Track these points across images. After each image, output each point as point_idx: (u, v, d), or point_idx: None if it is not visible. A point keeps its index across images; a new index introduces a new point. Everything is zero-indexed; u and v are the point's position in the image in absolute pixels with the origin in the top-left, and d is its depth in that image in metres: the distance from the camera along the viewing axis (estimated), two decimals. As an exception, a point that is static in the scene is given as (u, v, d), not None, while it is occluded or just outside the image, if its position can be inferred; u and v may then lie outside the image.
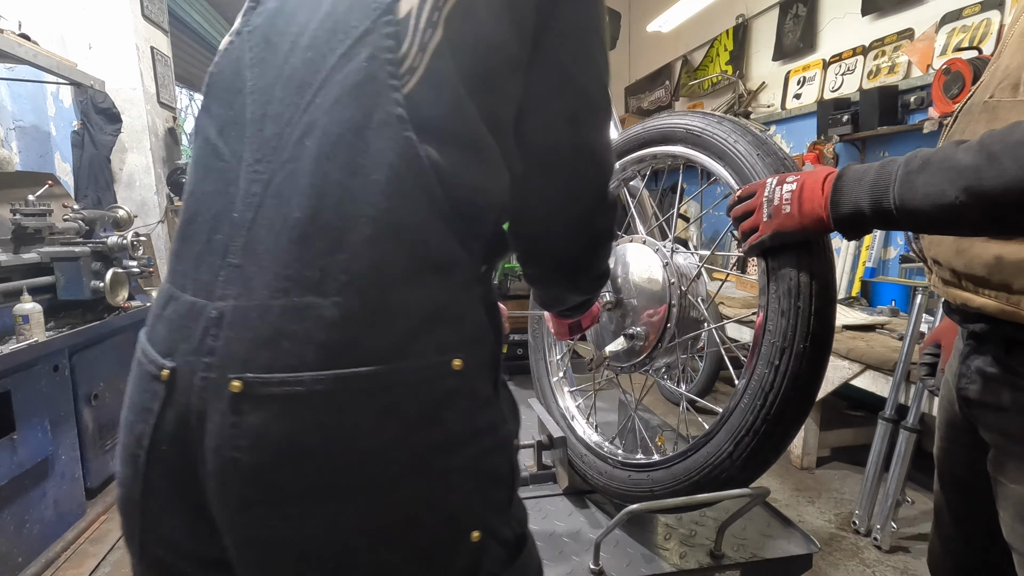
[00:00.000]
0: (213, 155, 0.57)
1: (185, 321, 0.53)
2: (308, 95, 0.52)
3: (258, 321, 0.49)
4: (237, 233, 0.52)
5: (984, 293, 0.72)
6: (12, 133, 2.97)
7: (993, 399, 0.74)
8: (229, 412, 0.48)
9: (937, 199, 0.59)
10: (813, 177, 0.72)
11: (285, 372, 0.48)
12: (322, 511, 0.49)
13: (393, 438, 0.50)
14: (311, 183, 0.50)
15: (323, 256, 0.49)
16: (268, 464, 0.48)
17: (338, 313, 0.49)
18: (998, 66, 0.73)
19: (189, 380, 0.51)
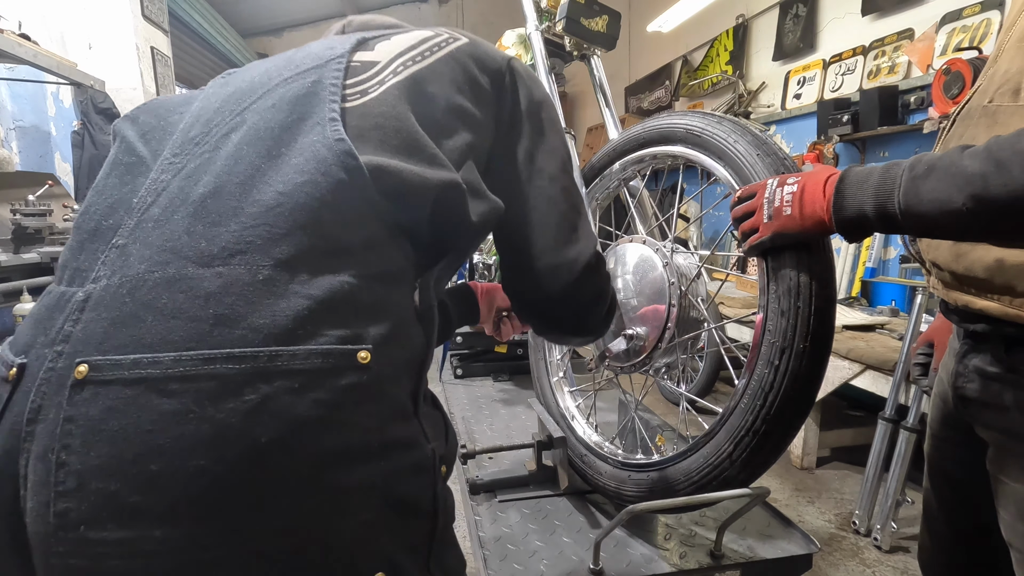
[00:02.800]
0: (126, 153, 0.56)
1: (50, 312, 0.46)
2: (244, 104, 0.55)
3: (126, 298, 0.43)
4: (130, 215, 0.48)
5: (987, 296, 0.72)
6: (12, 133, 2.97)
7: (993, 398, 0.75)
8: (65, 405, 0.40)
9: (944, 205, 0.58)
10: (814, 179, 0.72)
11: (141, 352, 0.41)
12: (166, 535, 0.39)
13: (271, 441, 0.40)
14: (224, 165, 0.49)
15: (215, 226, 0.45)
16: (99, 468, 0.39)
17: (218, 285, 0.42)
18: (996, 70, 0.73)
19: (34, 375, 0.43)
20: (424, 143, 0.55)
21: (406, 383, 0.50)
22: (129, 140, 0.57)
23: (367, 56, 0.60)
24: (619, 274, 1.11)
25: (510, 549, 1.01)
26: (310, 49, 0.62)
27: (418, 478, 0.49)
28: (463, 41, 0.66)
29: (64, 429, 0.40)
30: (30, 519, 0.41)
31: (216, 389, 0.40)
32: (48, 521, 0.39)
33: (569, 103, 6.70)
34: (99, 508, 0.39)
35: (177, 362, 0.40)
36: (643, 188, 1.24)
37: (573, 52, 1.42)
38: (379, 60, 0.59)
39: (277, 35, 6.81)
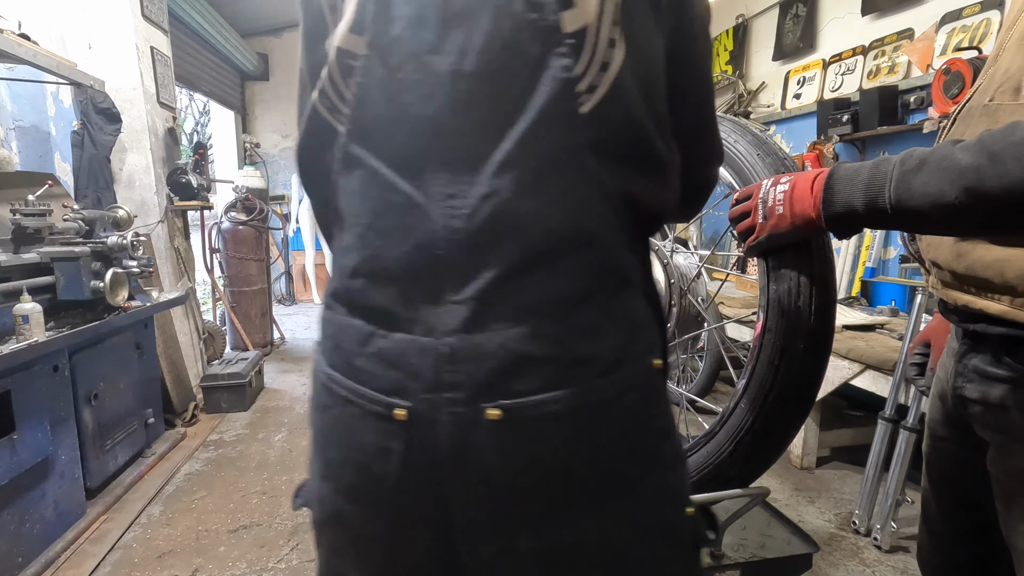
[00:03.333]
0: (389, 190, 0.54)
1: (407, 359, 0.52)
2: (495, 128, 0.51)
3: (498, 350, 0.50)
4: (449, 271, 0.52)
5: (988, 296, 0.72)
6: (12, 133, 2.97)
7: (993, 398, 0.75)
8: (492, 440, 0.50)
9: (936, 199, 0.58)
10: (804, 177, 0.72)
11: (536, 395, 0.50)
12: (598, 513, 0.52)
13: (635, 436, 0.54)
14: (520, 215, 0.51)
15: (546, 283, 0.52)
16: (542, 481, 0.51)
17: (573, 334, 0.51)
18: (996, 69, 0.73)
19: (432, 417, 0.51)
20: (661, 156, 0.55)
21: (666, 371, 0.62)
22: (383, 174, 0.54)
23: (573, 18, 0.50)
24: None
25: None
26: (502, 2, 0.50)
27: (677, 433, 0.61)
28: None
29: (501, 459, 0.50)
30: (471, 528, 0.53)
31: (595, 411, 0.52)
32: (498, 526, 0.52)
33: (569, 103, 6.69)
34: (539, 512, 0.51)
35: (568, 397, 0.50)
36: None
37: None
38: (588, 19, 0.50)
39: (277, 35, 6.81)
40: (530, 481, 0.51)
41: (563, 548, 0.52)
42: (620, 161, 0.53)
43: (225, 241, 4.33)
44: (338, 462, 0.57)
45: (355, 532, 0.58)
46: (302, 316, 6.08)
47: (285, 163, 7.05)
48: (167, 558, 1.95)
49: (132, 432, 2.47)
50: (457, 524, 0.53)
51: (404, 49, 0.52)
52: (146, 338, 2.68)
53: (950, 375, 0.83)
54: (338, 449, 0.57)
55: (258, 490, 2.41)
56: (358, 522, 0.57)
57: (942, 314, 0.86)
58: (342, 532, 0.59)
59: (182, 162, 3.33)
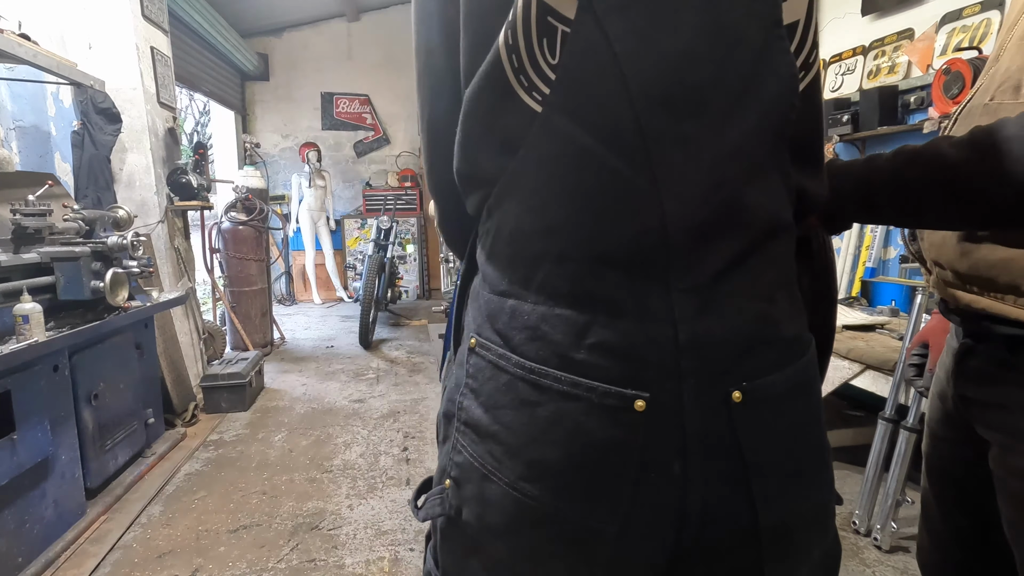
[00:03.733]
0: (604, 169, 0.50)
1: (639, 349, 0.50)
2: (720, 116, 0.49)
3: (732, 336, 0.52)
4: (677, 257, 0.50)
5: (990, 295, 0.72)
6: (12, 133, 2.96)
7: (995, 397, 0.75)
8: (736, 422, 0.51)
9: (926, 193, 0.59)
10: None
11: (769, 375, 0.53)
12: (817, 480, 0.57)
13: (821, 409, 0.59)
14: (745, 204, 0.51)
15: (764, 271, 0.54)
16: (782, 457, 0.54)
17: (784, 316, 0.55)
18: (997, 69, 0.73)
19: (674, 405, 0.50)
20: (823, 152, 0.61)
21: None
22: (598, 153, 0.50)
23: (790, 11, 0.50)
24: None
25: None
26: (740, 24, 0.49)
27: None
28: None
29: (746, 438, 0.52)
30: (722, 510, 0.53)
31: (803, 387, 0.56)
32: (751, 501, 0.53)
33: (569, 103, 6.70)
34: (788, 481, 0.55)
35: (795, 374, 0.55)
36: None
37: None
38: (799, 15, 0.51)
39: (277, 35, 6.81)
40: (768, 458, 0.53)
41: (790, 522, 0.55)
42: (800, 158, 0.56)
43: (225, 241, 4.33)
44: (558, 461, 0.52)
45: (575, 532, 0.53)
46: (302, 316, 6.08)
47: (285, 163, 7.05)
48: (167, 558, 1.95)
49: (132, 432, 2.48)
50: (693, 509, 0.52)
51: (624, 19, 0.47)
52: (146, 338, 2.68)
53: (950, 375, 0.83)
54: (558, 447, 0.52)
55: (258, 490, 2.41)
56: (585, 521, 0.52)
57: (942, 314, 0.86)
58: (553, 534, 0.54)
59: (182, 162, 3.33)
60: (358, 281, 6.74)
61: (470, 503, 0.57)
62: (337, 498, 2.34)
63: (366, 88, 7.15)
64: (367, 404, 3.44)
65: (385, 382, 3.85)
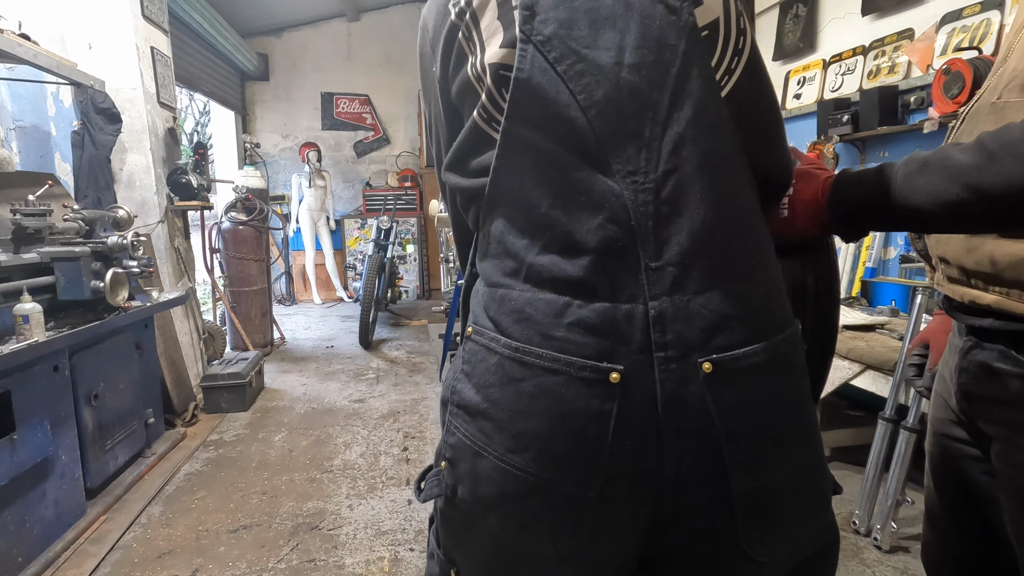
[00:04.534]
0: (567, 168, 0.57)
1: (613, 326, 0.55)
2: (661, 112, 0.57)
3: (701, 311, 0.55)
4: (643, 240, 0.56)
5: (994, 290, 0.72)
6: (12, 133, 2.96)
7: (999, 393, 0.75)
8: (707, 391, 0.54)
9: (938, 197, 0.60)
10: (810, 182, 0.72)
11: (741, 348, 0.55)
12: (793, 455, 0.59)
13: (805, 386, 0.62)
14: (702, 188, 0.56)
15: (730, 250, 0.58)
16: (754, 427, 0.56)
17: (757, 295, 0.58)
18: (1005, 68, 0.74)
19: (645, 376, 0.55)
20: (781, 127, 0.65)
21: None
22: (560, 154, 0.58)
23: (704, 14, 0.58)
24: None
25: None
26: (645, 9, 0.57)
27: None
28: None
29: (718, 407, 0.55)
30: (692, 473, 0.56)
31: (782, 363, 0.58)
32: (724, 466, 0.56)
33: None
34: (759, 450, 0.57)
35: (765, 350, 0.57)
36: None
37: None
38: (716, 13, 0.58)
39: (277, 35, 6.81)
40: (741, 427, 0.55)
41: (764, 490, 0.57)
42: (754, 135, 0.60)
43: (225, 241, 4.33)
44: (542, 431, 0.57)
45: (561, 498, 0.57)
46: (302, 316, 6.08)
47: (285, 163, 7.05)
48: (167, 558, 1.95)
49: (132, 432, 2.47)
50: (667, 476, 0.56)
51: (562, 44, 0.57)
52: (146, 338, 2.68)
53: (954, 371, 0.83)
54: (540, 419, 0.57)
55: (258, 490, 2.41)
56: (568, 488, 0.57)
57: (946, 311, 0.86)
58: (541, 500, 0.58)
59: (182, 162, 3.33)
60: (358, 281, 6.74)
61: (464, 480, 0.62)
62: (337, 498, 2.34)
63: (366, 88, 7.15)
64: (367, 404, 3.44)
65: (385, 382, 3.85)
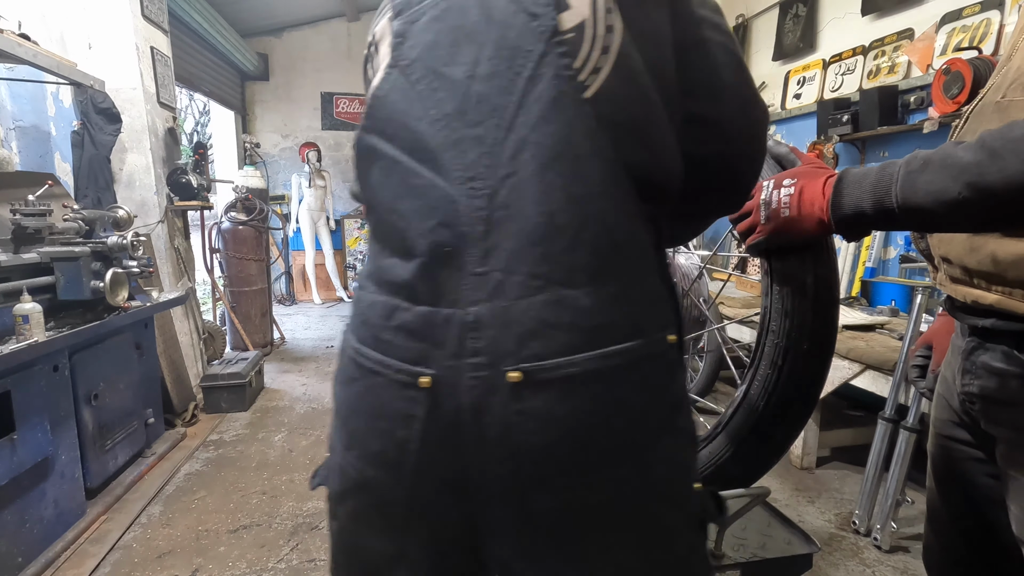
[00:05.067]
0: (410, 175, 0.59)
1: (431, 330, 0.56)
2: (507, 117, 0.56)
3: (520, 317, 0.54)
4: (472, 244, 0.56)
5: (996, 290, 0.72)
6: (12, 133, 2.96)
7: (1003, 394, 0.75)
8: (511, 401, 0.53)
9: (940, 196, 0.60)
10: (812, 181, 0.72)
11: (557, 357, 0.53)
12: (611, 475, 0.54)
13: (648, 404, 0.56)
14: (539, 191, 0.55)
15: (565, 254, 0.55)
16: (557, 442, 0.53)
17: (591, 302, 0.54)
18: (1009, 68, 0.74)
19: (454, 382, 0.54)
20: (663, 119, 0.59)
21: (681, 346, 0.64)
22: (402, 161, 0.60)
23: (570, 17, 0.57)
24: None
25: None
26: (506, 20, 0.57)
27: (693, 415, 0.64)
28: None
29: (519, 419, 0.53)
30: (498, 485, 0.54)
31: (616, 376, 0.54)
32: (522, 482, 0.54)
33: (569, 103, 6.69)
34: (564, 466, 0.54)
35: (587, 360, 0.53)
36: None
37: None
38: (584, 15, 0.56)
39: (277, 35, 6.81)
40: (545, 441, 0.53)
41: (576, 509, 0.54)
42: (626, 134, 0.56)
43: (225, 241, 4.33)
44: (363, 431, 0.59)
45: (379, 497, 0.59)
46: (302, 316, 6.08)
47: (285, 163, 7.05)
48: (167, 558, 1.95)
49: (132, 432, 2.47)
50: (474, 485, 0.55)
51: (422, 66, 0.59)
52: (146, 338, 2.68)
53: (957, 372, 0.83)
54: (363, 418, 0.59)
55: (258, 490, 2.41)
56: (383, 487, 0.58)
57: (948, 311, 0.86)
58: (366, 498, 0.60)
59: (182, 162, 3.33)
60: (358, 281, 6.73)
61: (328, 473, 0.66)
62: (337, 498, 2.34)
63: (366, 88, 7.14)
64: (367, 404, 3.43)
65: (385, 382, 3.84)
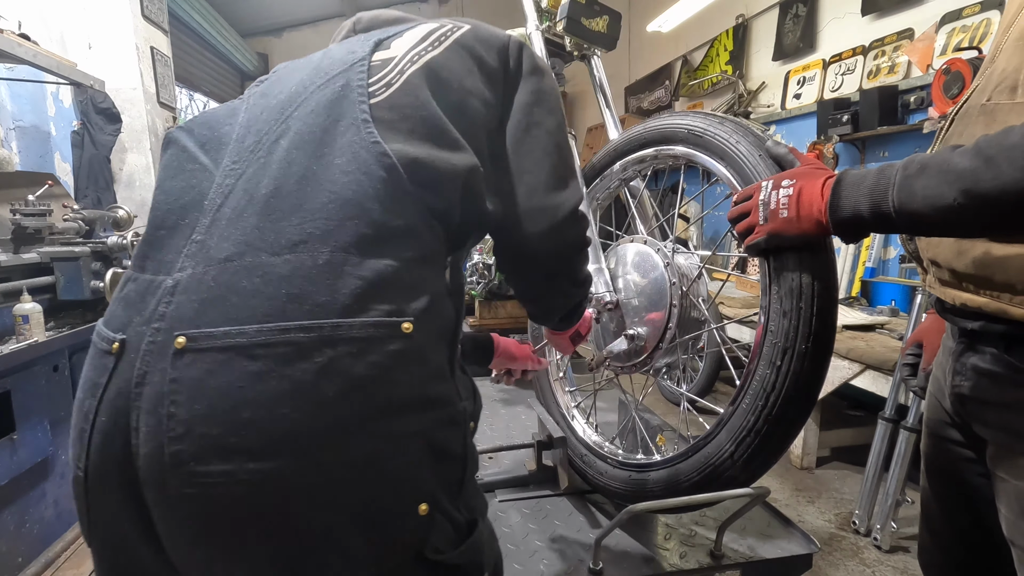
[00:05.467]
0: (188, 160, 0.64)
1: (141, 296, 0.55)
2: (287, 112, 0.62)
3: (211, 283, 0.52)
4: (205, 215, 0.57)
5: (985, 293, 0.72)
6: (12, 133, 2.96)
7: (992, 396, 0.75)
8: (169, 368, 0.49)
9: (936, 201, 0.60)
10: (811, 183, 0.73)
11: (229, 325, 0.50)
12: (259, 467, 0.48)
13: (337, 394, 0.50)
14: (279, 168, 0.57)
15: (280, 220, 0.54)
16: (201, 417, 0.48)
17: (288, 269, 0.52)
18: (994, 69, 0.73)
19: (137, 347, 0.52)
20: (446, 128, 0.63)
21: (443, 349, 0.60)
22: (190, 149, 0.64)
23: (385, 54, 0.67)
24: (620, 274, 1.11)
25: (510, 549, 1.01)
26: (334, 55, 0.68)
27: (453, 429, 0.58)
28: (466, 27, 0.73)
29: (171, 388, 0.49)
30: (144, 462, 0.50)
31: (292, 353, 0.49)
32: (163, 461, 0.49)
33: (569, 103, 6.70)
34: (204, 448, 0.48)
35: (259, 332, 0.50)
36: (644, 188, 1.24)
37: (573, 52, 1.42)
38: (395, 55, 0.66)
39: (277, 35, 6.81)
40: (188, 415, 0.48)
41: (215, 500, 0.48)
42: (397, 131, 0.60)
43: (225, 241, 4.32)
44: (75, 404, 0.57)
45: (72, 474, 0.56)
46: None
47: (285, 163, 7.04)
48: (167, 558, 1.94)
49: (132, 432, 2.47)
50: (139, 460, 0.50)
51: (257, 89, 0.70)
52: (146, 338, 2.67)
53: (948, 374, 0.83)
54: (79, 391, 0.57)
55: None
56: (73, 462, 0.56)
57: (939, 313, 0.86)
58: (74, 481, 0.57)
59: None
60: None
61: None
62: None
63: (366, 88, 7.14)
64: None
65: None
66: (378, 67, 0.65)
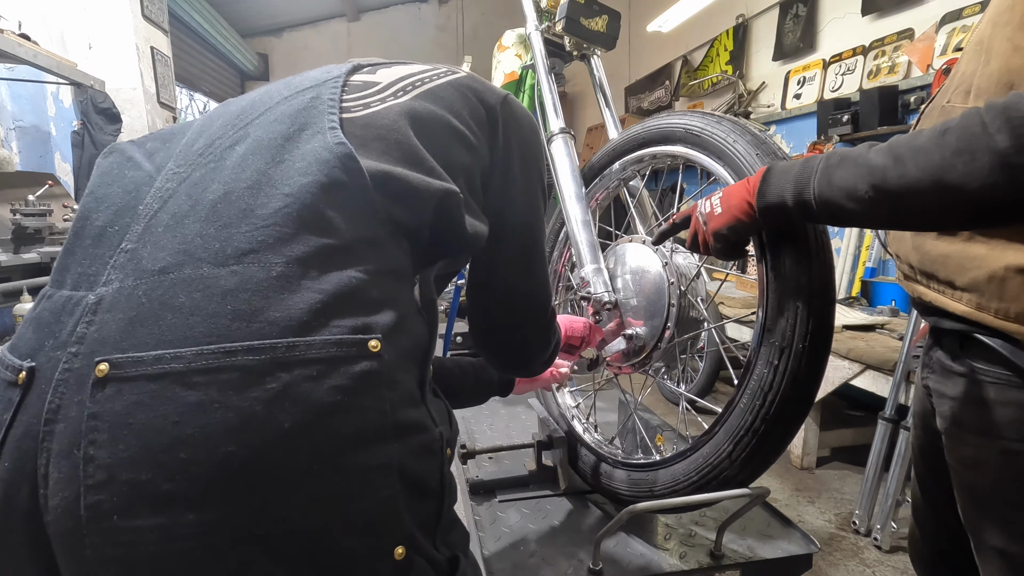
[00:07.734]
0: (128, 166, 0.57)
1: (55, 316, 0.47)
2: (247, 119, 0.56)
3: (142, 298, 0.44)
4: (137, 221, 0.49)
5: (933, 287, 0.75)
6: (12, 133, 2.96)
7: (948, 389, 0.77)
8: (88, 401, 0.41)
9: (851, 193, 0.62)
10: (739, 183, 0.76)
11: (162, 349, 0.42)
12: (199, 518, 0.40)
13: (294, 425, 0.42)
14: (231, 173, 0.51)
15: (227, 227, 0.47)
16: (129, 459, 0.40)
17: (235, 282, 0.44)
18: (956, 71, 0.77)
19: (48, 377, 0.43)
20: (424, 157, 0.57)
21: (413, 370, 0.53)
22: (134, 157, 0.58)
23: (367, 77, 0.63)
24: (619, 274, 1.11)
25: (510, 549, 1.01)
26: (308, 73, 0.64)
27: (428, 459, 0.51)
28: (463, 74, 0.70)
29: (89, 425, 0.41)
30: (54, 516, 0.41)
31: (239, 379, 0.42)
32: (78, 515, 0.40)
33: (569, 103, 6.70)
34: (132, 497, 0.40)
35: (199, 356, 0.42)
36: (643, 188, 1.24)
37: (573, 52, 1.42)
38: (380, 81, 0.63)
39: (277, 35, 6.81)
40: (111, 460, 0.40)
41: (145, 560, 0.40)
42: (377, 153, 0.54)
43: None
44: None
45: None
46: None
47: (285, 163, 7.05)
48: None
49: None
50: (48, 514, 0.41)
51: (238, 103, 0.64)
52: (146, 338, 2.67)
53: (921, 367, 0.87)
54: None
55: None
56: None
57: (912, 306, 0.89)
58: None
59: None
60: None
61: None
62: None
63: (366, 88, 7.14)
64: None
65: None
66: (357, 87, 0.60)
